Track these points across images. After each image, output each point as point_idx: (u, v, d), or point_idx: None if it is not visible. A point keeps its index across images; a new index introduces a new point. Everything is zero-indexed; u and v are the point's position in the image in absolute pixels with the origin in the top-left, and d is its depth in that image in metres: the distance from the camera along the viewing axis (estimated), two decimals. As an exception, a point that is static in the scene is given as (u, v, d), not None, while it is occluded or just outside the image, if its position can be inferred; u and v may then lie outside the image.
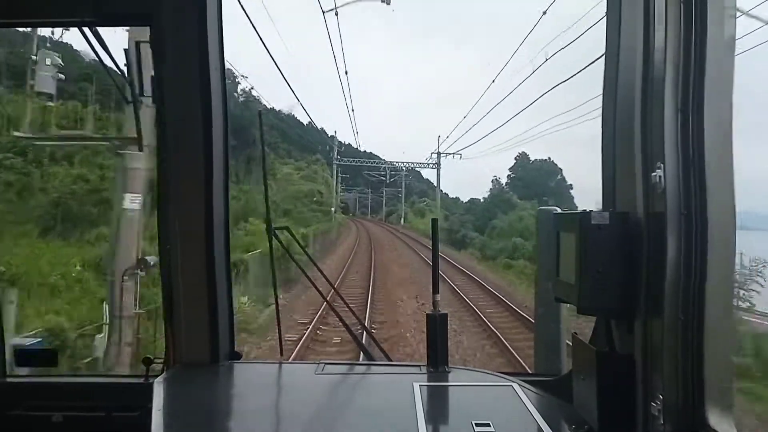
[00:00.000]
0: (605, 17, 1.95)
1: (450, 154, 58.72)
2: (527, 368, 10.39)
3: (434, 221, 2.79)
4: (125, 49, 2.58)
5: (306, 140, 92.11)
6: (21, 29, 14.54)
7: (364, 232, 58.18)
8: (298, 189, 44.72)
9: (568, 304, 2.00)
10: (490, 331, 15.18)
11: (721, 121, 1.51)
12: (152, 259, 9.41)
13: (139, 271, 9.62)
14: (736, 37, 1.52)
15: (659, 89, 1.56)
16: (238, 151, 29.72)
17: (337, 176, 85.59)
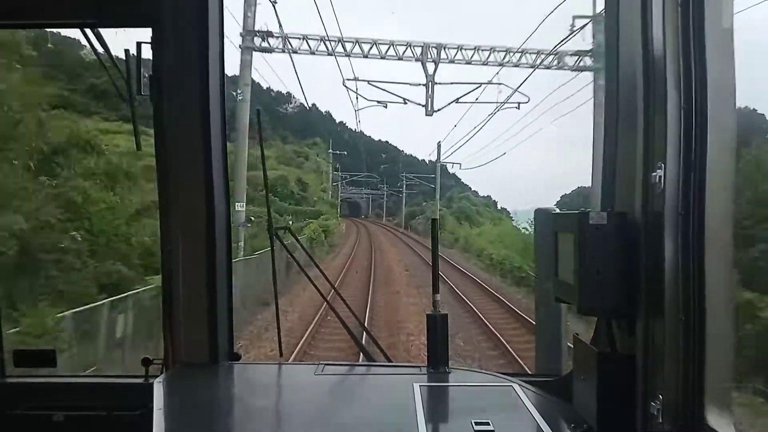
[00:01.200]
0: (604, 19, 1.96)
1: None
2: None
3: (434, 221, 2.80)
4: (126, 50, 2.59)
5: (306, 124, 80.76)
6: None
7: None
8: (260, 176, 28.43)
9: (568, 305, 2.01)
10: None
11: (723, 121, 1.51)
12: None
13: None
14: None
15: (660, 89, 1.56)
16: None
17: (335, 172, 71.89)
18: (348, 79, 23.58)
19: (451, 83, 23.52)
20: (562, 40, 19.50)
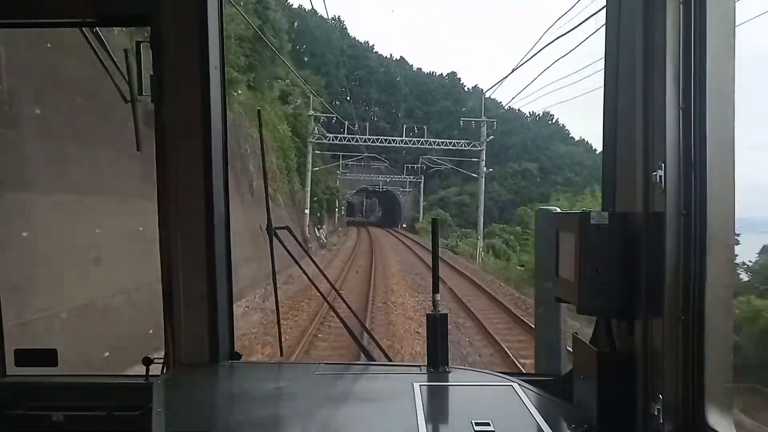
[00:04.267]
0: (605, 17, 1.96)
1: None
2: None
3: (434, 220, 2.81)
4: (125, 50, 2.59)
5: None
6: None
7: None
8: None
9: (568, 304, 2.01)
10: None
11: (723, 120, 1.51)
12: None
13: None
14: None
15: (660, 88, 1.56)
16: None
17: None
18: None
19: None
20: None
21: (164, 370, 2.56)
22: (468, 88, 78.98)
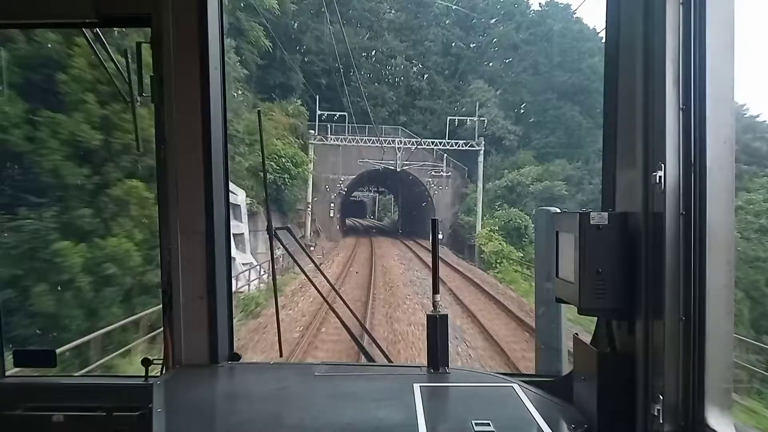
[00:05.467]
0: (605, 17, 1.96)
1: None
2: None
3: (434, 221, 2.81)
4: (125, 50, 2.59)
5: None
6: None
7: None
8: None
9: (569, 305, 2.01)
10: None
11: (723, 121, 1.51)
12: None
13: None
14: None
15: (660, 89, 1.56)
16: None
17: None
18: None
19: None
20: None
21: (164, 371, 2.56)
22: (541, 3, 49.81)
